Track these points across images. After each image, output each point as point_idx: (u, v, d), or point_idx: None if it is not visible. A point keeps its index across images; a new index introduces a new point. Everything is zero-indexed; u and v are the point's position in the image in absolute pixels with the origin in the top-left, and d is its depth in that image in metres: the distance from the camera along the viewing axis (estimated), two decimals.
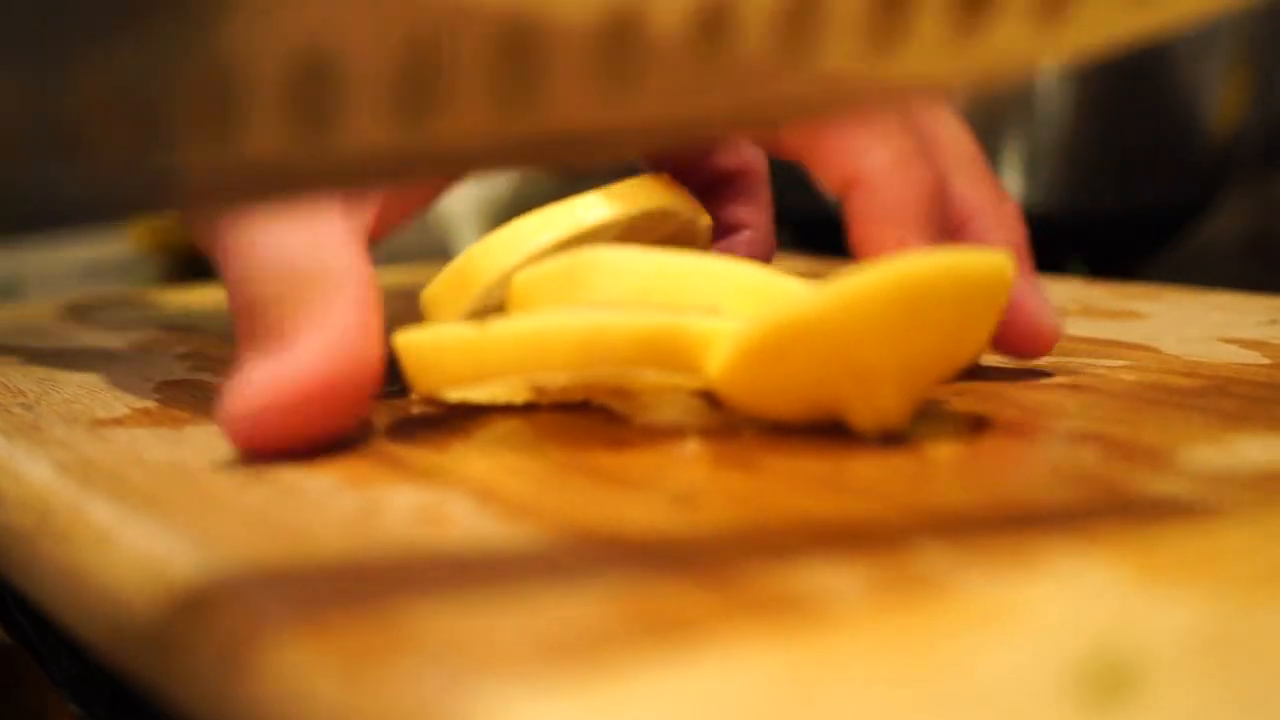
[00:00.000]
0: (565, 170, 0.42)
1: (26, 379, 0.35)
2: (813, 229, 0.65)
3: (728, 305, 0.28)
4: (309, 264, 0.27)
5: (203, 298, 0.50)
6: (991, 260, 0.25)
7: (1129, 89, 0.58)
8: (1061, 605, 0.18)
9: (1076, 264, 0.58)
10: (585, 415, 0.29)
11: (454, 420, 0.29)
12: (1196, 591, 0.18)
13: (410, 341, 0.27)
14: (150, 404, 0.31)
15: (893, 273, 0.24)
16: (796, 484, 0.24)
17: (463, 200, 0.83)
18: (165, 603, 0.20)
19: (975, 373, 0.31)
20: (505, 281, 0.30)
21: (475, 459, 0.26)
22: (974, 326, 0.25)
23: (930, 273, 0.24)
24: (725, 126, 0.19)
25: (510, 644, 0.17)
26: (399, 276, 0.58)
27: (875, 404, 0.25)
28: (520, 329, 0.26)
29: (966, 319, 0.25)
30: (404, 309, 0.47)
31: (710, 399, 0.29)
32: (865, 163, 0.29)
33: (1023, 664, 0.16)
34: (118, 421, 0.30)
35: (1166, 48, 0.58)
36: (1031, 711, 0.15)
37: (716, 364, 0.26)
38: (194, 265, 0.77)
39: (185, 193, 0.17)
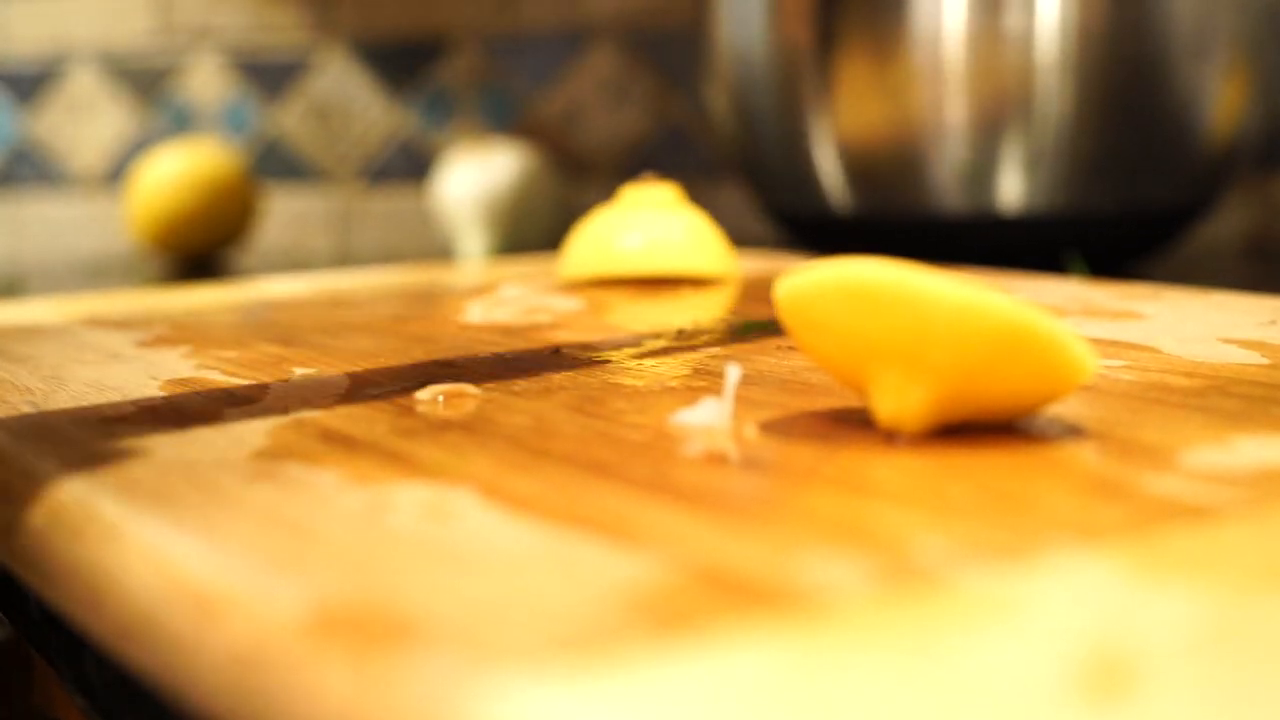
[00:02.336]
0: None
1: (34, 377, 0.35)
2: (812, 229, 0.65)
3: None
4: None
5: (205, 297, 0.50)
6: (1080, 352, 0.25)
7: (1129, 89, 0.58)
8: (1061, 601, 0.18)
9: (1077, 264, 0.58)
10: (590, 412, 0.29)
11: (457, 418, 0.29)
12: (1196, 589, 0.18)
13: None
14: (157, 402, 0.32)
15: (995, 303, 0.24)
16: (799, 479, 0.24)
17: (465, 202, 0.83)
18: (175, 599, 0.21)
19: None
20: None
21: (479, 455, 0.26)
22: (1029, 390, 0.26)
23: (1027, 325, 0.25)
24: None
25: (517, 638, 0.17)
26: (401, 276, 0.58)
27: (901, 398, 0.25)
28: None
29: (1028, 380, 0.25)
30: (404, 309, 0.47)
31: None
32: None
33: (1023, 658, 0.16)
34: (125, 419, 0.30)
35: (1166, 48, 0.58)
36: (1031, 705, 0.15)
37: (793, 281, 0.26)
38: (196, 264, 0.77)
39: None
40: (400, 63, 0.98)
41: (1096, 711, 0.15)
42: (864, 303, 0.25)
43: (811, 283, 0.26)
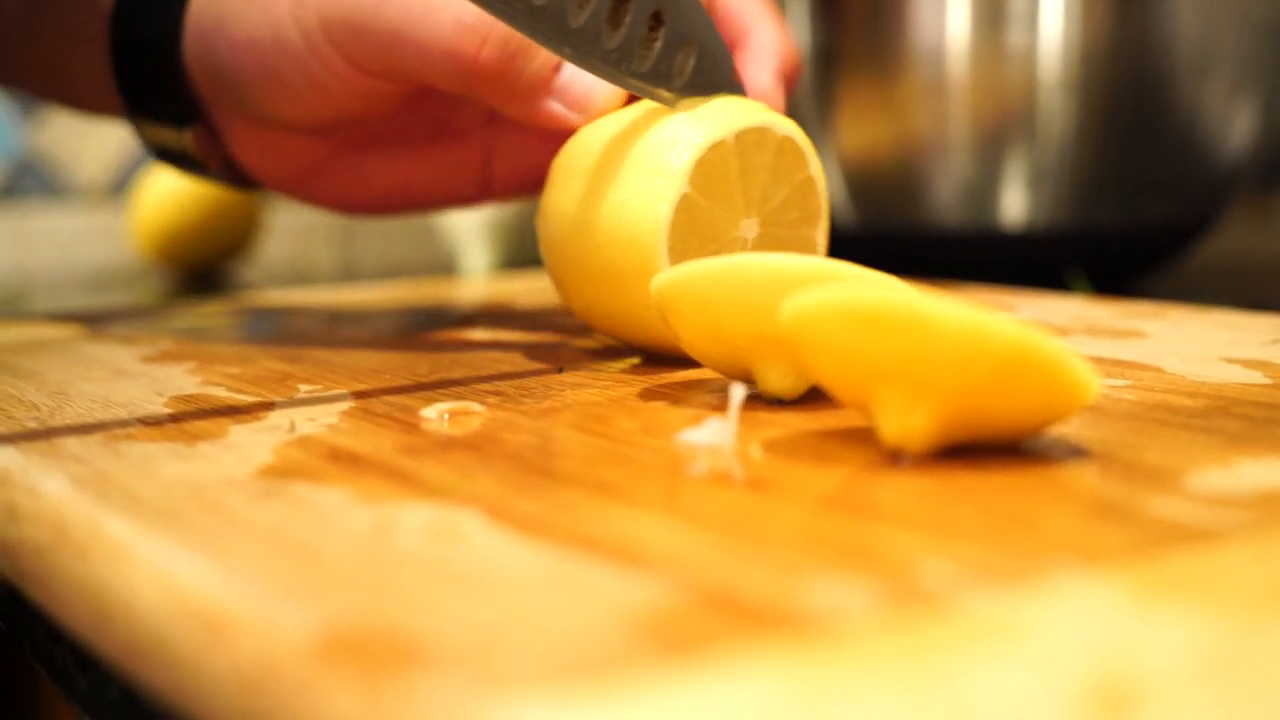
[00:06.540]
0: None
1: (39, 393, 0.35)
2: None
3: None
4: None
5: (210, 310, 0.50)
6: (1084, 373, 0.25)
7: (1132, 106, 0.58)
8: (1065, 624, 0.18)
9: (1080, 281, 0.58)
10: (595, 431, 0.29)
11: (463, 436, 0.29)
12: (1200, 613, 0.18)
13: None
14: (162, 418, 0.32)
15: (999, 325, 0.24)
16: (805, 502, 0.24)
17: (469, 217, 0.84)
18: (182, 619, 0.21)
19: None
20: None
21: (485, 475, 0.26)
22: (1033, 411, 0.26)
23: (1031, 346, 0.25)
24: None
25: (524, 662, 0.17)
26: (405, 291, 0.58)
27: (905, 418, 0.25)
28: None
29: (1032, 402, 0.26)
30: (408, 325, 0.47)
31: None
32: None
33: (1028, 684, 0.16)
34: (131, 436, 0.30)
35: (1169, 65, 0.58)
36: None
37: (799, 303, 0.26)
38: (200, 277, 0.77)
39: None
40: None
41: None
42: (868, 324, 0.25)
43: (816, 304, 0.26)
